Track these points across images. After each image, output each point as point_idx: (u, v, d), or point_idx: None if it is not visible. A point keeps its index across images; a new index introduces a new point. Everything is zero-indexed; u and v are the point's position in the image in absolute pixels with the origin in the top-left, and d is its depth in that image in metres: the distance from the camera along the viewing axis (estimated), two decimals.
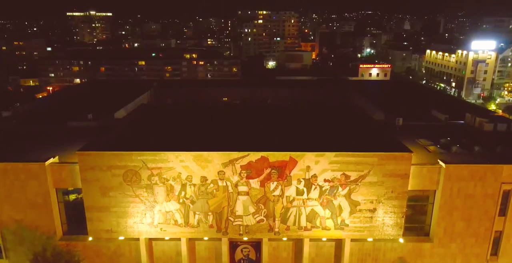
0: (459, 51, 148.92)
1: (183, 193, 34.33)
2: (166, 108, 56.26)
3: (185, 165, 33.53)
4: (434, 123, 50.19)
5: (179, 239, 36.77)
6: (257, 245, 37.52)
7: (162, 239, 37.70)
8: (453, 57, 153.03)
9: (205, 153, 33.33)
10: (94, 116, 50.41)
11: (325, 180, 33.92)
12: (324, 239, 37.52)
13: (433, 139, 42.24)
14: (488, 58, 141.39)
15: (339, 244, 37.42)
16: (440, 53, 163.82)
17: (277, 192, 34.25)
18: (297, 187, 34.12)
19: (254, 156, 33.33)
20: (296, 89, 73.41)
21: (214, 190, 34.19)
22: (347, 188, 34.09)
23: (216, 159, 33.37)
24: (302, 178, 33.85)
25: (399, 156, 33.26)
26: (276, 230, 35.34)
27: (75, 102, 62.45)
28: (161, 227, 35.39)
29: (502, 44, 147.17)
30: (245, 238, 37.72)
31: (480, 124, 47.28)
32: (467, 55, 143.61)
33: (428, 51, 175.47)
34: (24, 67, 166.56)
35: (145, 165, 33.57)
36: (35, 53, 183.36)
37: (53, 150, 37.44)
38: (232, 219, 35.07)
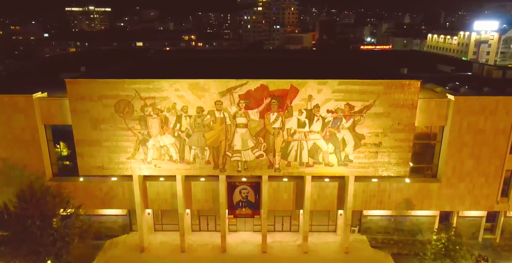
0: (461, 33, 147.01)
1: (178, 125, 32.53)
2: (163, 59, 54.04)
3: (180, 95, 31.72)
4: (440, 74, 48.45)
5: (174, 180, 34.99)
6: (256, 186, 35.74)
7: (157, 180, 35.97)
8: (455, 39, 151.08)
9: (201, 81, 31.51)
10: (87, 69, 48.53)
11: (328, 111, 32.12)
12: (326, 180, 35.85)
13: (440, 85, 40.44)
14: (490, 39, 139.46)
15: (342, 185, 35.67)
16: (442, 36, 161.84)
17: (278, 125, 32.46)
18: (298, 119, 32.32)
19: (253, 84, 31.51)
20: (300, 54, 71.64)
21: (211, 122, 32.39)
22: (351, 119, 32.30)
23: (213, 87, 31.55)
24: (304, 109, 32.05)
25: (406, 84, 31.43)
26: (276, 166, 33.58)
27: (68, 62, 60.60)
28: (155, 164, 33.62)
29: (505, 25, 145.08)
30: (244, 179, 36.05)
31: (488, 72, 45.55)
32: (469, 36, 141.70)
33: (429, 35, 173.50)
34: (21, 49, 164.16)
35: (138, 95, 31.74)
36: (32, 38, 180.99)
37: (42, 88, 35.47)
38: (230, 154, 33.29)
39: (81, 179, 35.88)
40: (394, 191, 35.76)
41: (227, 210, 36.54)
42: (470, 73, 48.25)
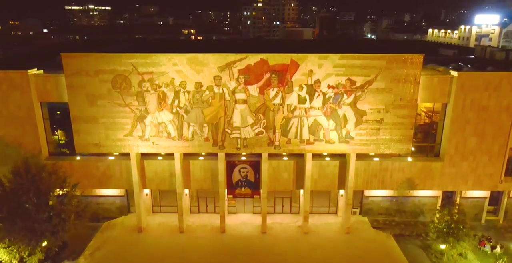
0: (462, 27, 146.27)
1: (176, 101, 31.95)
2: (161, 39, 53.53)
3: (179, 69, 31.11)
4: (442, 57, 47.86)
5: (172, 159, 34.41)
6: (256, 165, 35.13)
7: (155, 159, 35.38)
8: (456, 34, 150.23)
9: (200, 55, 30.91)
10: None
11: (329, 86, 31.53)
12: (327, 159, 35.29)
13: (442, 66, 39.79)
14: (491, 33, 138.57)
15: (343, 164, 35.08)
16: (443, 31, 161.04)
17: (278, 100, 31.88)
18: (299, 94, 31.74)
19: (252, 58, 30.91)
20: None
21: (210, 98, 31.80)
22: (353, 95, 31.72)
23: (211, 62, 30.95)
24: (304, 84, 31.46)
25: (409, 58, 30.85)
26: (276, 143, 33.00)
27: (68, 48, 59.93)
28: (153, 141, 33.04)
29: (505, 19, 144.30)
30: (243, 158, 35.47)
31: (491, 54, 44.94)
32: (470, 30, 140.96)
33: (430, 30, 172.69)
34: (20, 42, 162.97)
35: (135, 69, 31.14)
36: (30, 33, 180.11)
37: (39, 68, 34.76)
38: (229, 131, 32.71)
39: (78, 158, 35.31)
40: (396, 171, 35.16)
41: (226, 190, 35.94)
42: (473, 56, 47.64)
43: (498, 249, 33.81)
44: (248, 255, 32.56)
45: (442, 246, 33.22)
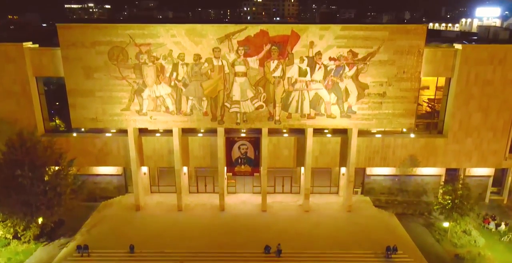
0: (463, 20, 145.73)
1: (174, 74, 31.26)
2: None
3: (177, 41, 30.42)
4: (445, 38, 47.22)
5: (171, 135, 33.73)
6: (255, 142, 34.47)
7: (153, 135, 34.74)
8: (457, 27, 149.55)
9: (198, 26, 30.24)
10: None
11: (330, 59, 30.85)
12: (329, 135, 34.63)
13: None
14: (492, 26, 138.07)
15: (345, 140, 34.41)
16: (443, 24, 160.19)
17: (278, 73, 31.19)
18: (299, 67, 31.06)
19: (252, 29, 30.22)
20: None
21: (209, 71, 31.11)
22: (355, 67, 31.03)
23: (210, 33, 30.25)
24: (305, 56, 30.78)
25: (412, 29, 30.17)
26: (277, 118, 32.33)
27: None
28: (151, 115, 32.38)
29: (507, 12, 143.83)
30: (243, 134, 34.83)
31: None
32: (471, 23, 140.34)
33: (430, 24, 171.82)
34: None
35: (132, 41, 30.46)
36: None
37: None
38: (228, 105, 32.03)
39: (74, 134, 34.66)
40: (398, 147, 34.50)
41: (225, 168, 35.27)
42: (476, 38, 47.02)
43: (502, 227, 33.20)
44: (248, 232, 31.93)
45: (446, 224, 32.65)
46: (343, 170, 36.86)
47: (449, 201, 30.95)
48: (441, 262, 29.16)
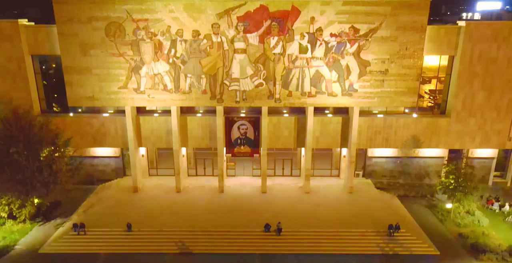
0: (464, 14, 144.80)
1: (173, 51, 30.66)
2: None
3: (175, 16, 29.82)
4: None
5: (169, 115, 33.15)
6: (255, 122, 33.89)
7: (151, 115, 34.17)
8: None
9: (197, 1, 29.61)
10: None
11: (331, 35, 30.26)
12: (330, 115, 34.07)
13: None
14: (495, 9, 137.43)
15: (346, 121, 33.84)
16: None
17: (278, 50, 30.60)
18: (300, 43, 30.46)
19: (252, 5, 29.61)
20: None
21: (208, 48, 30.51)
22: (356, 44, 30.44)
23: (209, 8, 29.65)
24: (306, 32, 30.19)
25: (415, 3, 29.54)
26: (277, 96, 31.75)
27: None
28: (148, 94, 31.79)
29: (508, 6, 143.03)
30: (243, 115, 34.27)
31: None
32: (472, 17, 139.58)
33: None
34: None
35: (129, 16, 29.85)
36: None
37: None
38: (227, 83, 31.45)
39: (71, 114, 34.10)
40: (400, 127, 33.93)
41: (225, 149, 34.69)
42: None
43: (507, 207, 32.67)
44: (247, 212, 31.38)
45: (449, 206, 32.12)
46: (344, 152, 36.32)
47: (452, 181, 30.41)
48: (444, 241, 28.60)
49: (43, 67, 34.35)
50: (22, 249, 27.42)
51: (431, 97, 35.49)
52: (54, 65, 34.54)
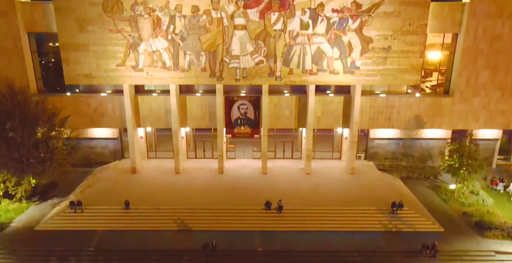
0: None
1: (171, 27, 30.08)
2: None
3: None
4: None
5: (168, 95, 32.60)
6: (256, 102, 33.33)
7: (149, 94, 33.64)
8: None
9: None
10: None
11: (333, 10, 29.68)
12: (331, 95, 33.52)
13: None
14: None
15: (348, 100, 33.28)
16: None
17: (279, 26, 30.01)
18: (301, 19, 29.88)
19: None
20: None
21: (207, 24, 29.94)
22: (358, 20, 29.86)
23: None
24: (307, 8, 29.60)
25: None
26: (278, 74, 31.17)
27: None
28: (147, 71, 31.22)
29: None
30: (243, 94, 33.73)
31: None
32: None
33: None
34: None
35: None
36: None
37: None
38: (227, 61, 30.88)
39: (68, 94, 33.54)
40: (403, 107, 33.38)
41: (224, 129, 34.14)
42: None
43: (511, 188, 32.10)
44: (248, 191, 30.89)
45: (452, 186, 31.62)
46: (346, 134, 35.78)
47: (457, 160, 29.88)
48: (448, 219, 28.09)
49: (41, 48, 33.75)
50: (17, 227, 26.94)
51: (431, 90, 34.77)
52: (51, 44, 33.95)
